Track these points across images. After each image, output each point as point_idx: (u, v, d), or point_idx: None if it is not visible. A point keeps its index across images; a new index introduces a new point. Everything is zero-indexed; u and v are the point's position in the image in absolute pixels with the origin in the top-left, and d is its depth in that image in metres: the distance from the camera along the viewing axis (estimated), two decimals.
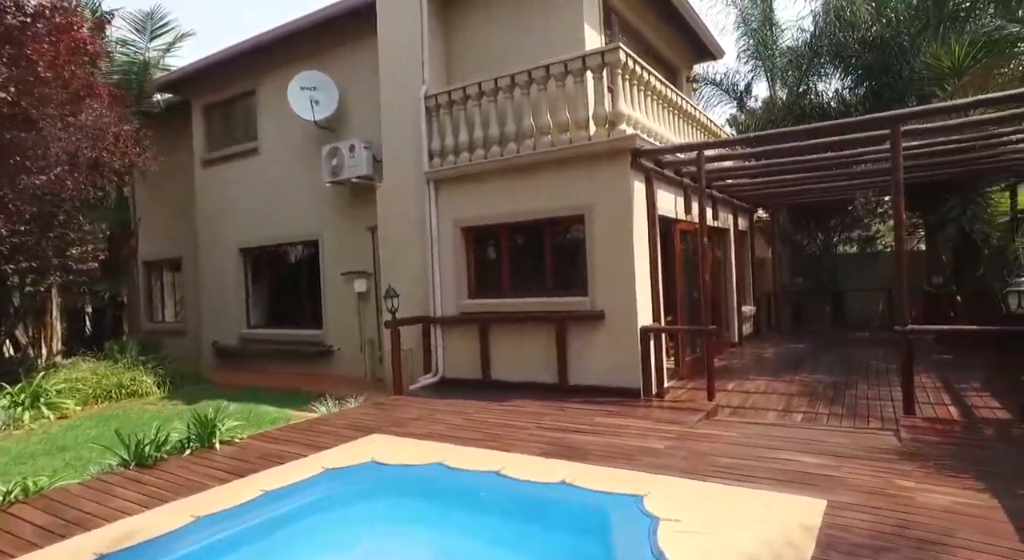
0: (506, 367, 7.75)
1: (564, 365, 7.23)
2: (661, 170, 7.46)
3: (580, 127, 7.07)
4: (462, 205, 8.06)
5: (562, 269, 7.53)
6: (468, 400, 7.13)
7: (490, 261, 8.18)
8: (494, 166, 7.65)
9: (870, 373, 8.22)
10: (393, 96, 8.58)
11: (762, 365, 9.30)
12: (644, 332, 6.78)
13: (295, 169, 10.36)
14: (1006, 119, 5.98)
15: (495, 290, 8.00)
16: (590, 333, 7.08)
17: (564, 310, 7.20)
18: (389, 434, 5.77)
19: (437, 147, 8.22)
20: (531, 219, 7.51)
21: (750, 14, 14.12)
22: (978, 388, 6.94)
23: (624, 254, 6.80)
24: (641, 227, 7.00)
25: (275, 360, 10.75)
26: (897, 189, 5.35)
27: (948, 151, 7.71)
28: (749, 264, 13.17)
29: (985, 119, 6.04)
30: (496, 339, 7.82)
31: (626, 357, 6.84)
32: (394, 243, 8.66)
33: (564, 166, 7.19)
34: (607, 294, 6.94)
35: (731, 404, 6.73)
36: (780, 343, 11.74)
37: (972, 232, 10.38)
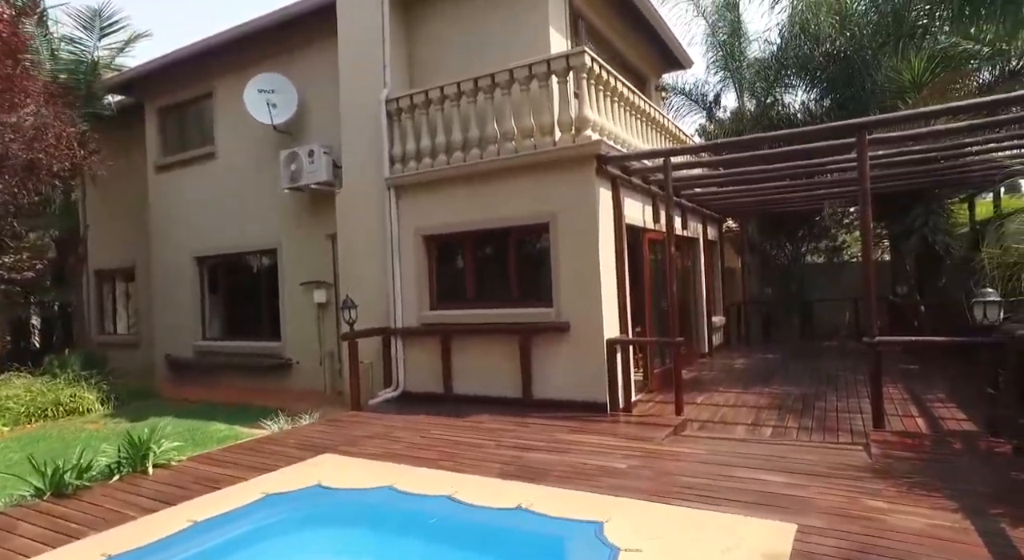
0: (469, 381, 7.45)
1: (528, 379, 6.96)
2: (628, 178, 7.30)
3: (545, 133, 6.87)
4: (424, 212, 7.78)
5: (527, 279, 7.29)
6: (428, 416, 6.81)
7: (453, 270, 7.90)
8: (456, 172, 7.40)
9: (839, 384, 8.14)
10: (353, 99, 8.28)
11: (732, 377, 9.17)
12: (610, 344, 6.56)
13: (253, 175, 9.97)
14: (965, 129, 5.96)
15: (458, 301, 7.72)
16: (555, 345, 6.84)
17: (528, 322, 6.96)
18: (341, 454, 5.42)
19: (398, 152, 7.94)
20: (495, 227, 7.26)
21: (719, 25, 14.19)
22: (944, 399, 6.88)
23: (590, 263, 6.59)
24: (607, 236, 6.80)
25: (232, 374, 10.27)
26: (864, 198, 5.24)
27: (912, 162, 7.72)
28: (719, 274, 13.12)
29: (946, 129, 6.00)
30: (459, 352, 7.52)
31: (592, 370, 6.62)
32: (353, 252, 8.33)
33: (528, 173, 6.97)
34: (572, 305, 6.72)
35: (700, 418, 6.54)
36: (750, 354, 11.67)
37: (934, 243, 10.47)
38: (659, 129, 9.02)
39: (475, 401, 7.30)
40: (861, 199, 5.26)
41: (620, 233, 6.98)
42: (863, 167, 5.25)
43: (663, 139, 9.28)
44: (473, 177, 7.34)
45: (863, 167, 5.25)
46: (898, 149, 6.81)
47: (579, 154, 6.54)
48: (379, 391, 7.92)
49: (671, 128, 9.38)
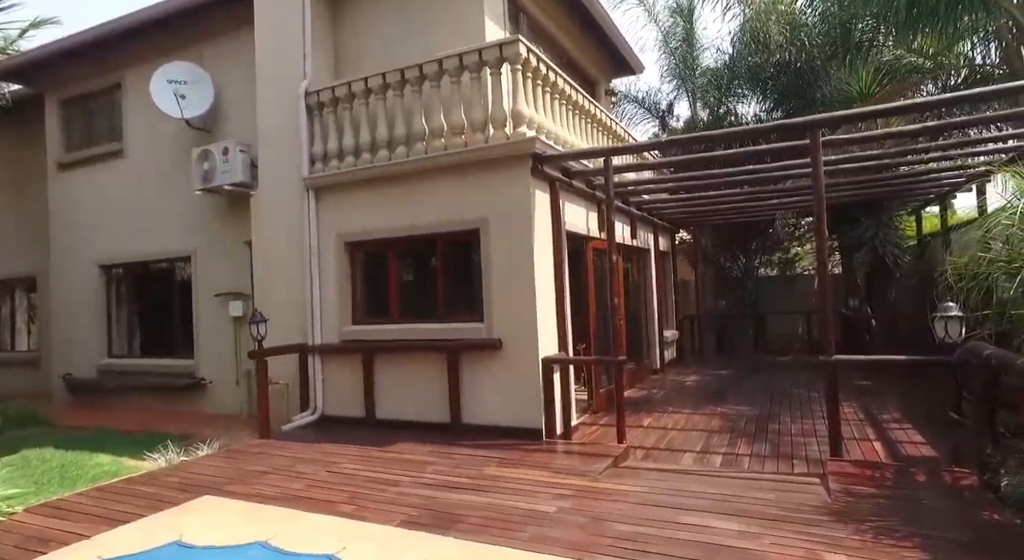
0: (393, 404, 6.70)
1: (457, 402, 6.26)
2: (569, 181, 6.72)
3: (476, 129, 6.24)
4: (346, 217, 7.03)
5: (456, 292, 6.60)
6: (343, 445, 6.02)
7: (377, 281, 7.15)
8: (381, 172, 6.69)
9: (793, 402, 7.70)
10: (271, 91, 7.50)
11: (683, 395, 8.65)
12: (547, 364, 5.92)
13: (167, 175, 9.02)
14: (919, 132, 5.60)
15: (382, 315, 6.98)
16: (486, 365, 6.16)
17: (457, 338, 6.26)
18: (226, 496, 4.60)
19: (319, 151, 7.19)
20: (423, 233, 6.57)
21: (672, 32, 13.93)
22: (900, 419, 6.48)
23: (523, 274, 5.95)
24: (544, 243, 6.19)
25: (139, 396, 9.22)
26: (819, 201, 4.77)
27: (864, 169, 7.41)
28: (671, 286, 12.71)
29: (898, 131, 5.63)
30: (383, 371, 6.76)
31: (526, 393, 5.96)
32: (269, 260, 7.50)
33: (458, 173, 6.32)
34: (505, 320, 6.06)
35: (645, 444, 5.95)
36: (703, 369, 11.23)
37: (884, 255, 10.27)
38: (607, 132, 8.51)
39: (400, 426, 6.55)
40: (816, 202, 4.78)
41: (559, 241, 6.38)
42: (817, 168, 4.78)
43: (611, 143, 8.77)
44: (399, 178, 6.65)
45: (817, 168, 4.78)
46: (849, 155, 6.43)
47: (512, 152, 5.93)
48: (295, 415, 7.08)
49: (620, 132, 8.89)
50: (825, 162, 6.47)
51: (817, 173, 4.77)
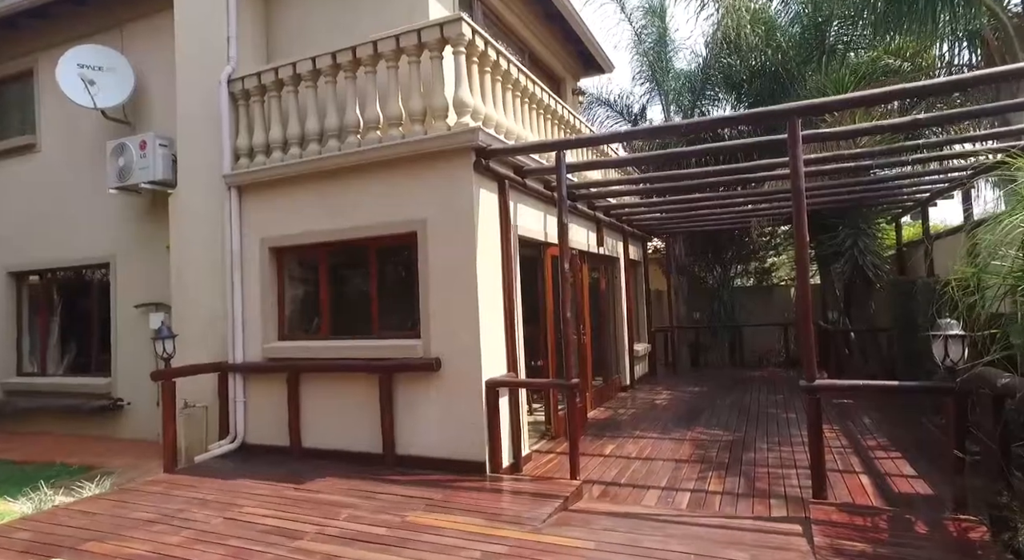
0: (322, 431, 5.88)
1: (390, 430, 5.46)
2: (522, 180, 6.01)
3: (415, 120, 5.50)
4: (272, 219, 6.23)
5: (392, 304, 5.84)
6: (257, 480, 5.20)
7: (307, 292, 6.36)
8: (310, 169, 5.91)
9: (770, 425, 7.05)
10: (191, 78, 6.68)
11: (653, 416, 7.95)
12: (491, 387, 5.16)
13: (84, 173, 8.13)
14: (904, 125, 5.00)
15: (311, 330, 6.18)
16: (423, 388, 5.39)
17: (391, 357, 5.48)
18: (79, 557, 3.75)
19: (244, 145, 6.39)
20: (357, 237, 5.79)
21: (645, 31, 13.38)
22: (886, 446, 5.85)
23: (465, 284, 5.21)
24: (491, 249, 5.46)
25: (49, 418, 8.24)
26: (798, 199, 4.11)
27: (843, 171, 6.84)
28: (643, 297, 12.06)
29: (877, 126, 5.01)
30: (310, 393, 5.95)
31: (467, 420, 5.19)
32: (188, 268, 6.66)
33: (394, 169, 5.57)
34: (444, 337, 5.30)
35: (604, 478, 5.22)
36: (676, 385, 10.56)
37: (864, 265, 9.74)
38: (571, 131, 7.83)
39: (328, 457, 5.74)
40: (795, 199, 4.12)
41: (509, 247, 5.65)
42: (796, 161, 4.13)
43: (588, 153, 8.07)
44: (329, 175, 5.88)
45: (796, 161, 4.13)
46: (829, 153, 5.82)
47: (452, 145, 5.20)
48: (213, 443, 6.22)
49: (584, 131, 8.21)
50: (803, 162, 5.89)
51: (796, 166, 4.12)
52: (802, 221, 4.17)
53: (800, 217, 4.17)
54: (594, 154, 8.09)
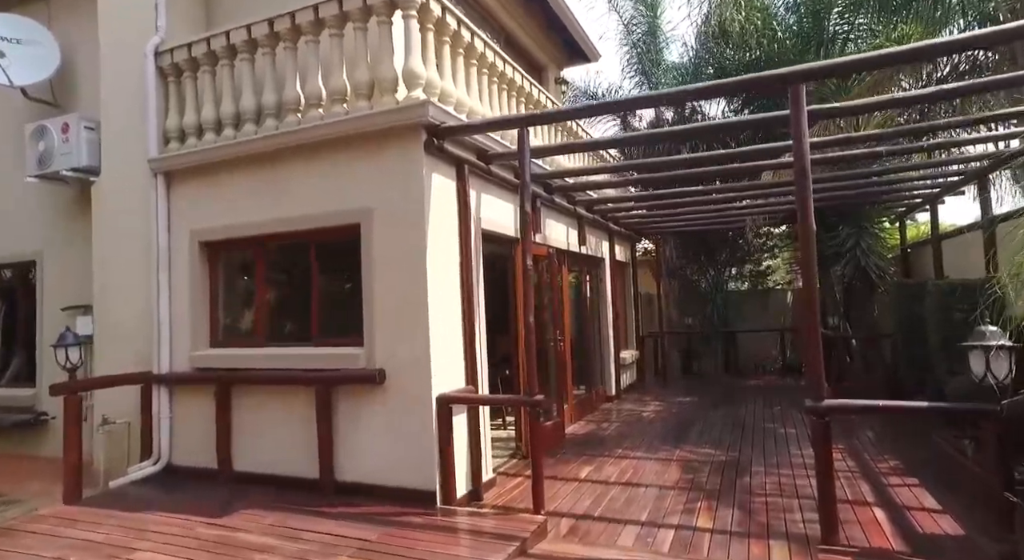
0: (255, 452, 5.13)
1: (329, 453, 4.71)
2: (486, 166, 5.29)
3: (360, 95, 4.78)
4: (205, 210, 5.49)
5: (335, 307, 5.10)
6: (171, 513, 4.44)
7: (242, 293, 5.62)
8: (245, 151, 5.18)
9: (767, 442, 6.33)
10: (116, 50, 5.95)
11: (638, 430, 7.23)
12: (443, 403, 4.42)
13: (9, 160, 7.33)
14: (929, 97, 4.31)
15: (245, 336, 5.44)
16: (366, 403, 4.65)
17: (330, 368, 4.74)
18: None
19: (174, 126, 5.64)
20: (295, 230, 5.06)
21: (636, 21, 12.69)
22: (898, 468, 5.14)
23: (413, 283, 4.48)
24: (446, 244, 4.74)
25: None
26: (802, 181, 3.39)
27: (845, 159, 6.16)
28: (632, 301, 11.36)
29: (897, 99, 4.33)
30: (242, 408, 5.20)
31: (415, 442, 4.45)
32: (112, 264, 5.91)
33: (336, 151, 4.85)
34: (391, 345, 4.57)
35: (575, 510, 4.49)
36: (666, 395, 9.85)
37: (867, 266, 9.05)
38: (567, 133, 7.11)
39: (260, 482, 4.99)
40: (798, 185, 3.41)
41: (469, 242, 4.93)
42: (800, 136, 3.42)
43: (554, 132, 7.36)
44: (266, 159, 5.14)
45: (800, 136, 3.42)
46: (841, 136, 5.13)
47: (399, 122, 4.48)
48: (134, 466, 5.44)
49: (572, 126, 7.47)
50: None
51: (800, 142, 3.41)
52: (808, 210, 3.46)
53: (806, 205, 3.46)
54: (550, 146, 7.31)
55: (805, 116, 3.46)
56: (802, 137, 3.42)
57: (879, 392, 8.55)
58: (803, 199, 3.43)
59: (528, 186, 4.28)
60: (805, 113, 3.46)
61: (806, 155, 3.43)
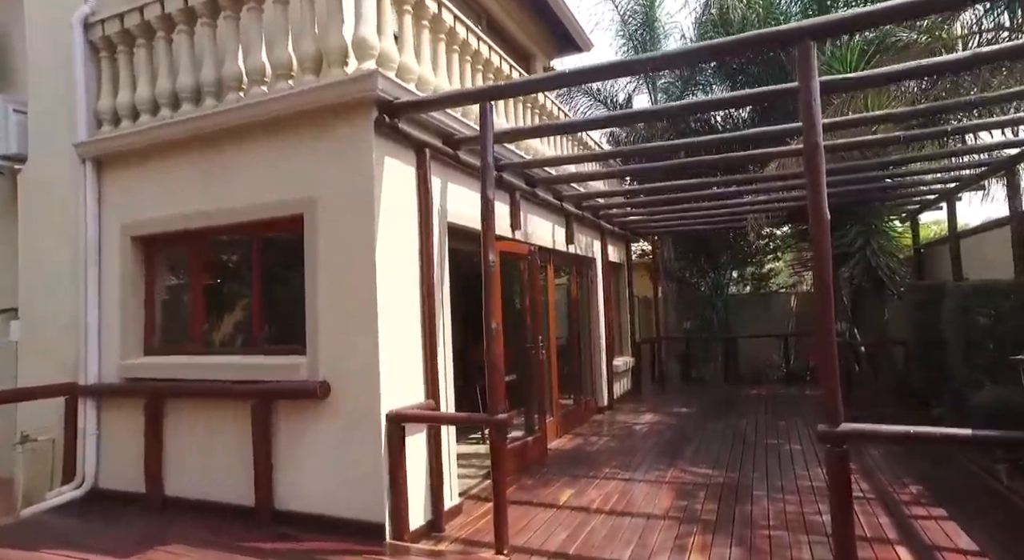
0: (188, 474, 4.52)
1: (267, 477, 4.10)
2: (454, 151, 4.69)
3: (307, 69, 4.19)
4: (139, 201, 4.90)
5: (278, 311, 4.50)
6: (82, 551, 3.82)
7: (178, 294, 5.01)
8: (182, 133, 4.58)
9: (771, 461, 5.70)
10: (44, 23, 5.38)
11: (629, 446, 6.60)
12: (394, 421, 3.81)
13: None
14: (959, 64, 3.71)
15: (182, 343, 4.83)
16: (309, 421, 4.04)
17: (270, 379, 4.13)
18: None
19: (107, 107, 5.05)
20: (236, 222, 4.47)
21: (633, 11, 12.10)
22: (922, 496, 4.51)
23: (362, 283, 3.88)
24: (402, 239, 4.14)
25: None
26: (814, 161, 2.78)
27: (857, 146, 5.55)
28: (626, 305, 10.74)
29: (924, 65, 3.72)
30: (176, 425, 4.60)
31: (362, 465, 3.84)
32: (39, 262, 5.32)
33: (279, 133, 4.26)
34: (336, 354, 3.96)
35: (546, 547, 3.87)
36: (662, 405, 9.21)
37: (878, 267, 8.42)
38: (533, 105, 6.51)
39: (193, 509, 4.39)
40: (808, 165, 2.80)
41: (430, 237, 4.32)
42: (810, 103, 2.81)
43: (537, 119, 6.76)
44: (205, 142, 4.55)
45: (810, 103, 2.81)
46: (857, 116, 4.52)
47: (344, 97, 3.88)
48: (54, 490, 4.83)
49: (548, 106, 6.88)
50: None
51: (810, 109, 2.80)
52: (820, 193, 2.85)
53: (818, 188, 2.84)
54: (575, 143, 6.68)
55: (816, 79, 2.85)
56: (812, 103, 2.81)
57: (890, 401, 7.93)
58: (815, 180, 2.82)
59: (491, 168, 3.67)
60: (816, 75, 2.85)
61: (817, 125, 2.82)
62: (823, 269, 2.82)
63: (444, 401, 4.46)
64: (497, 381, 3.64)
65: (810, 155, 2.81)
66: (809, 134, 2.81)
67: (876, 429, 2.70)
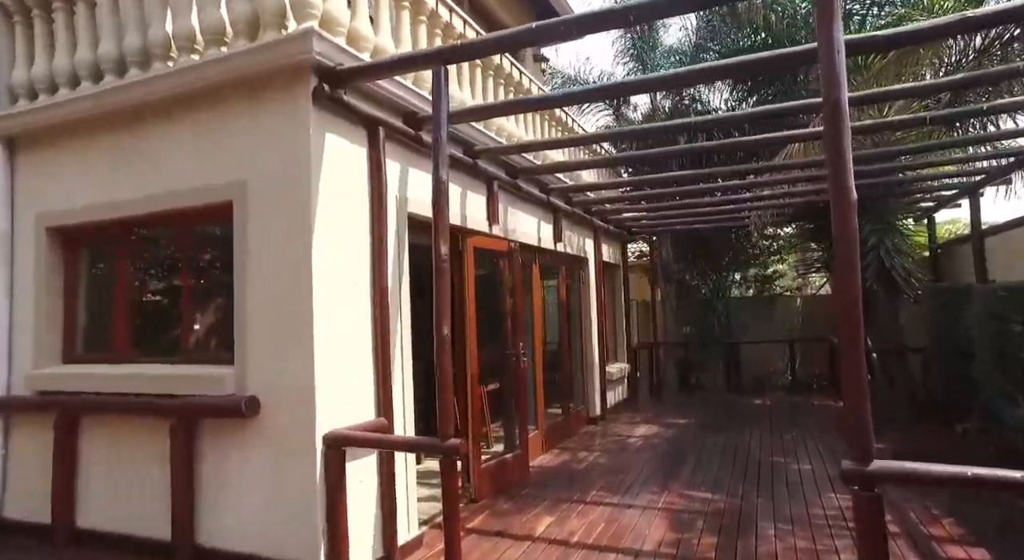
0: (104, 503, 3.92)
1: (188, 509, 3.49)
2: (416, 132, 4.08)
3: (240, 32, 3.58)
4: (56, 187, 4.30)
5: (206, 313, 3.90)
6: None
7: (101, 294, 4.41)
8: (99, 109, 3.99)
9: (778, 484, 5.08)
10: None
11: (620, 463, 5.99)
12: (333, 444, 3.20)
13: None
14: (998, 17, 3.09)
15: (101, 351, 4.23)
16: (237, 443, 3.44)
17: (193, 393, 3.52)
18: None
19: (21, 80, 4.44)
20: (163, 211, 3.86)
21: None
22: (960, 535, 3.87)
23: (295, 282, 3.28)
24: (348, 231, 3.54)
25: None
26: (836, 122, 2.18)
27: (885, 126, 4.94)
28: (622, 308, 10.13)
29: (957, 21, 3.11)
30: (91, 445, 3.99)
31: (295, 496, 3.23)
32: None
33: (206, 106, 3.67)
34: (268, 364, 3.36)
35: None
36: (658, 415, 8.59)
37: (892, 267, 7.79)
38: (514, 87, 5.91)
39: (107, 544, 3.79)
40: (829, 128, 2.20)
41: (383, 229, 3.72)
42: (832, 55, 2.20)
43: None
44: (128, 119, 3.96)
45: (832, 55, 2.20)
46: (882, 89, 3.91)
47: (276, 62, 3.29)
48: None
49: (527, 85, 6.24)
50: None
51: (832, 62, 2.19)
52: (843, 166, 2.24)
53: (841, 156, 2.23)
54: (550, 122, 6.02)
55: (839, 25, 2.24)
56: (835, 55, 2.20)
57: (907, 414, 7.30)
58: (837, 147, 2.21)
59: (443, 144, 3.06)
60: (840, 20, 2.25)
61: (840, 79, 2.20)
62: (849, 263, 2.21)
63: (402, 418, 3.85)
64: (447, 399, 3.02)
65: (831, 116, 2.20)
66: (831, 90, 2.20)
67: (922, 470, 2.09)
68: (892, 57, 7.29)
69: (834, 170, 2.24)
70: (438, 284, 3.01)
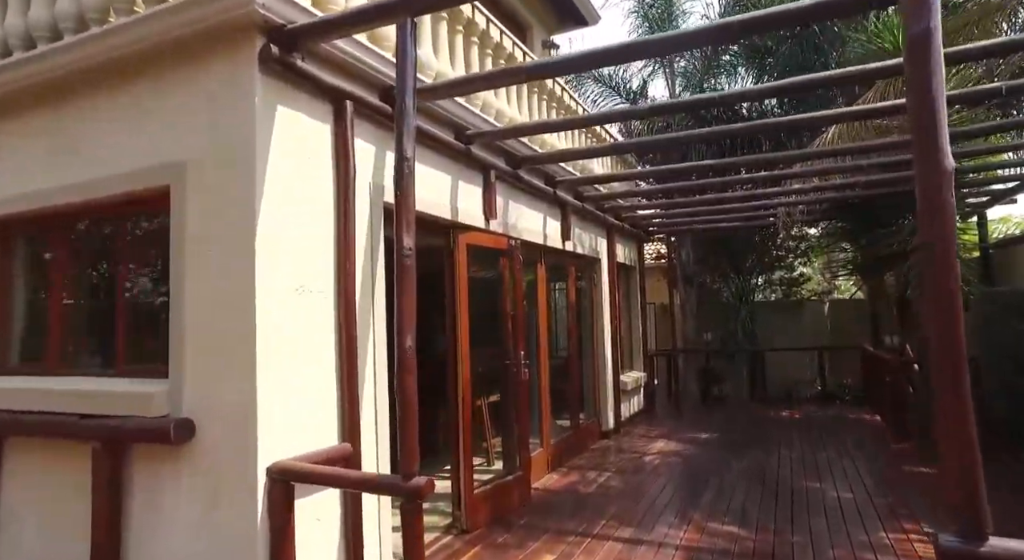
0: (23, 543, 3.38)
1: (113, 552, 2.94)
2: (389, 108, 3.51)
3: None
4: None
5: (138, 317, 3.36)
6: None
7: (33, 296, 3.90)
8: (24, 80, 3.44)
9: (815, 516, 4.40)
10: None
11: (634, 487, 5.36)
12: (279, 478, 2.63)
13: None
14: None
15: (26, 362, 3.72)
16: (170, 474, 2.88)
17: (120, 414, 2.97)
18: None
19: None
20: (94, 200, 3.32)
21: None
22: None
23: (237, 282, 2.72)
24: (306, 222, 2.98)
25: None
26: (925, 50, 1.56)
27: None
28: (638, 312, 9.48)
29: None
30: (13, 473, 3.47)
31: (235, 538, 2.67)
32: None
33: (140, 77, 3.12)
34: (206, 380, 2.81)
35: None
36: (677, 429, 7.93)
37: None
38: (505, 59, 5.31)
39: None
40: (910, 55, 1.58)
41: (350, 222, 3.15)
42: None
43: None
44: (57, 94, 3.43)
45: None
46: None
47: (217, 19, 2.73)
48: None
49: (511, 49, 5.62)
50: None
51: None
52: (936, 119, 1.62)
53: (930, 105, 1.61)
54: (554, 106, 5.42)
55: None
56: None
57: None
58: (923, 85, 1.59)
59: (408, 113, 2.48)
60: None
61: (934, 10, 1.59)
62: (946, 263, 1.59)
63: (373, 445, 3.27)
64: (410, 428, 2.43)
65: (918, 51, 1.58)
66: (919, 17, 1.59)
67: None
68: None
69: (920, 127, 1.62)
70: (401, 284, 2.43)
